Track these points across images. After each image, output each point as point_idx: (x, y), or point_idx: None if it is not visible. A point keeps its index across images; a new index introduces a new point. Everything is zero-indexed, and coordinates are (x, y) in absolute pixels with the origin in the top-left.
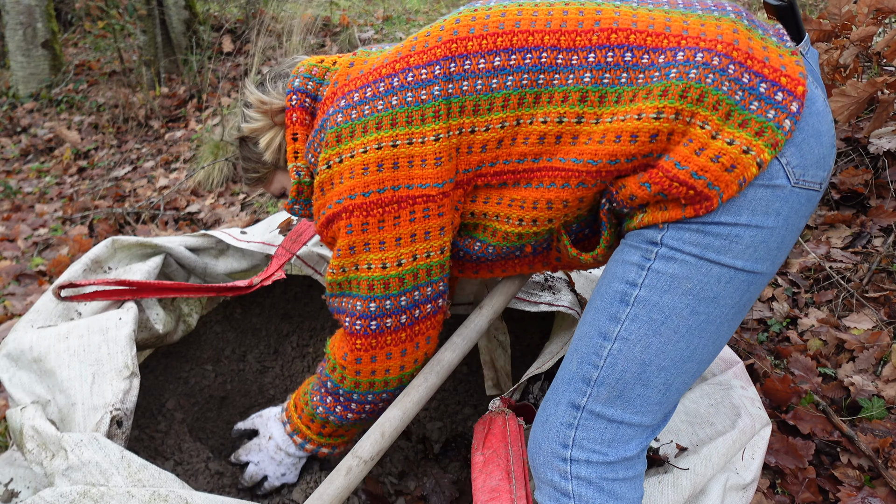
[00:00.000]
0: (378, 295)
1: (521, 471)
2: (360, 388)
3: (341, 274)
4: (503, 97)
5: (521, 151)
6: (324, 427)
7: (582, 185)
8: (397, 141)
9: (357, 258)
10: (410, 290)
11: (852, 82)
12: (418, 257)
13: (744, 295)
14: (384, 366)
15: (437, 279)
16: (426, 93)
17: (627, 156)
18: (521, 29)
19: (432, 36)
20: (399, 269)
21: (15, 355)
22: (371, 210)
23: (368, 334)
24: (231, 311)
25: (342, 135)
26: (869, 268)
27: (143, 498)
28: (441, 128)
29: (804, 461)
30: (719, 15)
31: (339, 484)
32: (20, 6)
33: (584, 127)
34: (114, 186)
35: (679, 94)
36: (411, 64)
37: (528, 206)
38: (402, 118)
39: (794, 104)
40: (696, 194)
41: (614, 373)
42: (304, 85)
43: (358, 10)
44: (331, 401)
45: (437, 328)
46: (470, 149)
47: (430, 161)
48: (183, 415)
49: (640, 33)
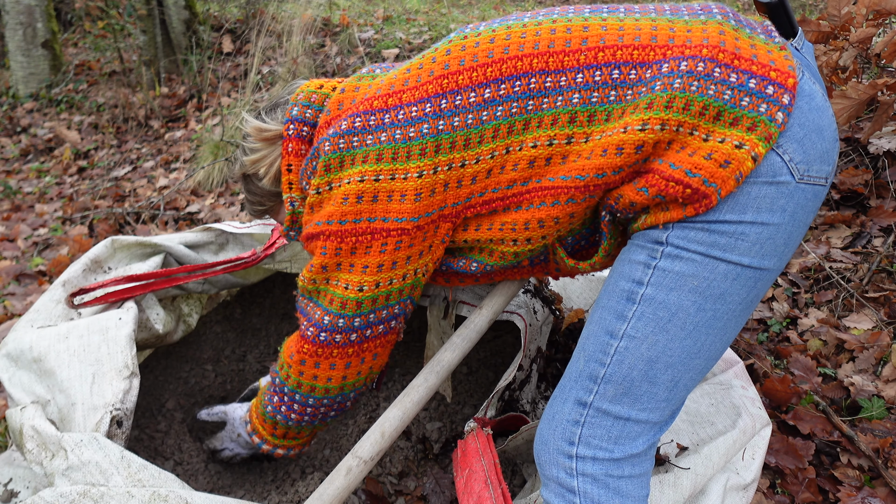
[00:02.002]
0: (334, 311)
1: (494, 475)
2: (302, 389)
3: (311, 283)
4: (493, 128)
5: (510, 178)
6: (275, 428)
7: (571, 200)
8: (380, 175)
9: (328, 275)
10: (366, 314)
11: (853, 84)
12: (381, 285)
13: (751, 291)
14: (326, 374)
15: (394, 303)
16: (414, 130)
17: (614, 168)
18: (509, 55)
19: (424, 70)
20: (358, 294)
21: (15, 355)
22: (345, 238)
23: (317, 343)
24: (231, 311)
25: (331, 165)
26: (869, 268)
27: (143, 498)
28: (426, 165)
29: (804, 461)
30: (706, 18)
31: (339, 484)
32: (20, 6)
33: (574, 147)
34: (114, 186)
35: (664, 105)
36: (403, 101)
37: (520, 228)
38: (388, 154)
39: (786, 96)
40: (693, 192)
41: (621, 370)
42: (303, 113)
43: (358, 10)
44: (277, 400)
45: (386, 347)
46: (459, 182)
47: (410, 197)
48: (183, 415)
49: (626, 48)
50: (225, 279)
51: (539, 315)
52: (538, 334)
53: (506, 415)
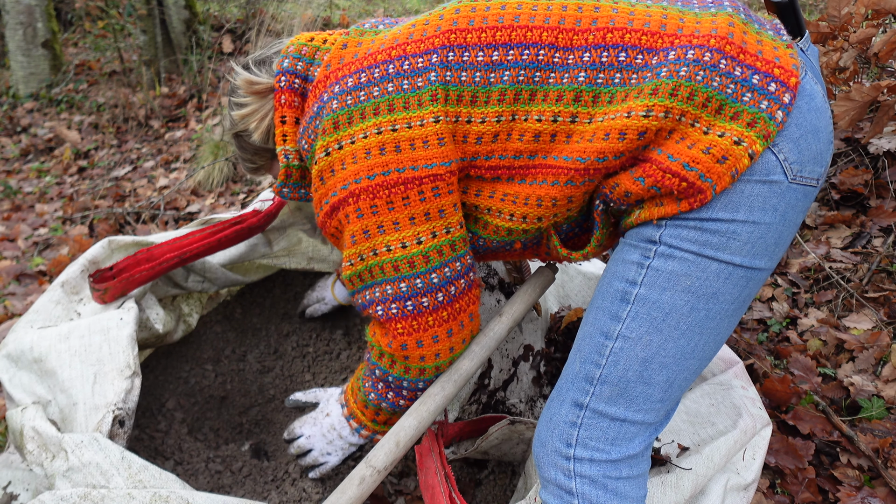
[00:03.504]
0: (406, 274)
1: (440, 463)
2: (410, 374)
3: (360, 263)
4: (500, 91)
5: (516, 148)
6: (377, 414)
7: (570, 182)
8: (396, 125)
9: (374, 242)
10: (440, 267)
11: (857, 87)
12: (438, 234)
13: (743, 290)
14: (432, 350)
15: (464, 252)
16: (422, 80)
17: (616, 153)
18: (520, 24)
19: (431, 25)
20: (420, 247)
21: (15, 356)
22: (378, 192)
23: (407, 316)
24: (231, 311)
25: (339, 121)
26: (869, 268)
27: (143, 499)
28: (440, 111)
29: (804, 461)
30: (716, 10)
31: (352, 494)
32: (20, 6)
33: (578, 126)
34: (114, 186)
35: (669, 92)
36: (408, 52)
37: (520, 202)
38: (399, 103)
39: (787, 95)
40: (688, 186)
41: (616, 371)
42: (294, 65)
43: (358, 10)
44: (382, 387)
45: (476, 303)
46: (465, 138)
47: (433, 141)
48: (183, 415)
49: (635, 32)
50: (224, 276)
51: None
52: (518, 332)
53: (480, 416)
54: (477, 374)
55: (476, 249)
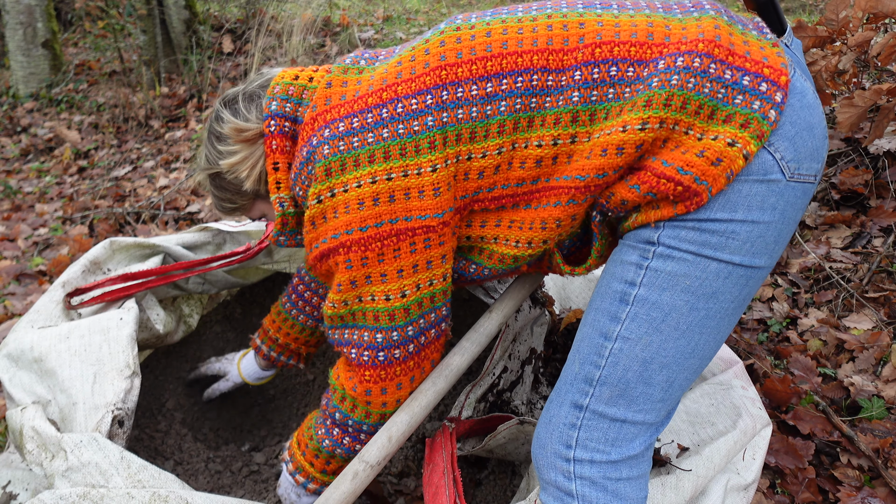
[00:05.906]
0: (384, 326)
1: (450, 465)
2: (371, 419)
3: (343, 307)
4: (498, 123)
5: (518, 176)
6: (328, 463)
7: (572, 201)
8: (392, 174)
9: (360, 291)
10: (416, 320)
11: (859, 93)
12: (422, 287)
13: (743, 289)
14: (394, 396)
15: (441, 304)
16: (419, 123)
17: (614, 167)
18: (509, 50)
19: (418, 61)
20: (403, 301)
21: (15, 355)
22: (370, 244)
23: (377, 365)
24: (231, 311)
25: (332, 168)
26: (869, 268)
27: (143, 499)
28: (438, 158)
29: (804, 461)
30: (699, 14)
31: (346, 489)
32: (20, 6)
33: (579, 146)
34: (114, 186)
35: (663, 103)
36: (399, 94)
37: (526, 227)
38: (395, 150)
39: (779, 94)
40: (684, 190)
41: (616, 372)
42: (282, 108)
43: (358, 10)
44: (338, 433)
45: (441, 350)
46: (467, 175)
47: (429, 192)
48: (183, 415)
49: (623, 45)
50: (225, 279)
51: (522, 316)
52: (529, 335)
53: (489, 415)
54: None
55: (480, 278)
